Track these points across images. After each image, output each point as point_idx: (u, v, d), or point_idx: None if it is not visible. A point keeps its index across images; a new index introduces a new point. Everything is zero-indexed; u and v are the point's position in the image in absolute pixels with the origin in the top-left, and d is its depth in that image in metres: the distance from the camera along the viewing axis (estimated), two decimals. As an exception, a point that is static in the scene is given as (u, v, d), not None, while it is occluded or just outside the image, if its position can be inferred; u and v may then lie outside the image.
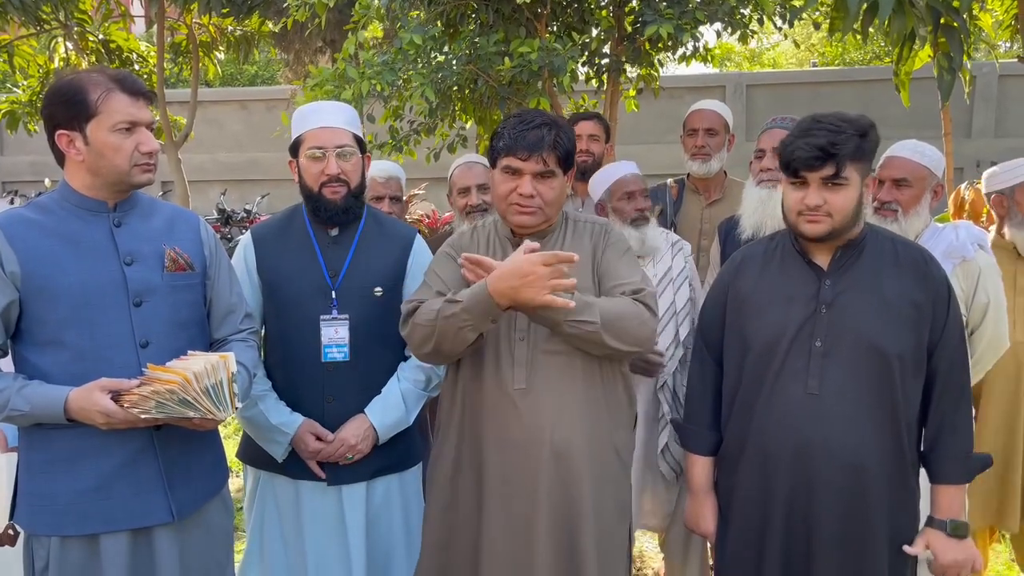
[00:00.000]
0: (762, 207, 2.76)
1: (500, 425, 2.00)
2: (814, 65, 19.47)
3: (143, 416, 1.76)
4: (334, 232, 2.33)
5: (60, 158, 1.89)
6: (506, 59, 3.93)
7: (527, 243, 1.90)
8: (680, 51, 4.70)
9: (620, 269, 2.06)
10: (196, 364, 1.78)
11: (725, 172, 3.50)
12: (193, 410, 1.77)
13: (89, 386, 1.78)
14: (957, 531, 1.94)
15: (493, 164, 2.07)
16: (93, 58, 7.98)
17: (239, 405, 1.86)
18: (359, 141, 2.32)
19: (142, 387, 1.76)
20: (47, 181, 11.37)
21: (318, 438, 2.25)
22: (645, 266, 2.77)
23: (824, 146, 1.85)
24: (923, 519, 2.01)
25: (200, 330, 2.06)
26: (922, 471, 2.02)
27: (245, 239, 2.38)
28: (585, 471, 2.00)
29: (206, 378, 1.76)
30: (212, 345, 2.13)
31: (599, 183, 2.87)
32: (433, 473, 2.15)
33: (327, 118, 2.27)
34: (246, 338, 2.16)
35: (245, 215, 11.35)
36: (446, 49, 4.18)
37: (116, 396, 1.77)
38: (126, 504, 1.88)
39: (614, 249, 2.11)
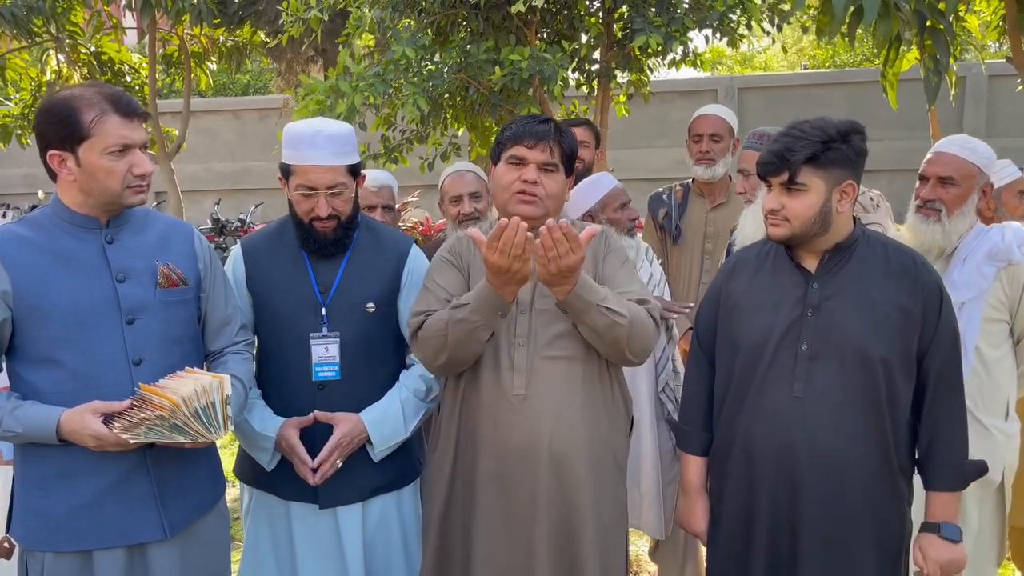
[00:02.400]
0: (742, 221, 2.80)
1: (499, 431, 2.01)
2: (805, 68, 19.54)
3: (133, 441, 1.76)
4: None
5: (53, 174, 1.88)
6: (496, 67, 3.95)
7: (514, 220, 1.88)
8: (670, 56, 4.72)
9: (623, 279, 2.08)
10: (186, 387, 1.76)
11: (730, 176, 3.51)
12: (183, 435, 1.77)
13: (80, 409, 1.78)
14: (950, 535, 1.94)
15: (496, 160, 2.07)
16: (85, 70, 7.98)
17: (232, 428, 1.85)
18: (353, 169, 2.23)
19: (132, 411, 1.76)
20: (40, 193, 11.36)
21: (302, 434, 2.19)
22: None
23: (779, 152, 1.88)
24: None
25: (194, 345, 2.05)
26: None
27: (235, 251, 2.33)
28: (585, 477, 2.01)
29: (196, 401, 1.75)
30: (207, 357, 2.12)
31: (585, 195, 2.88)
32: (431, 478, 2.15)
33: (319, 154, 2.13)
34: (241, 350, 2.15)
35: (239, 224, 11.35)
36: (437, 58, 4.21)
37: (107, 419, 1.77)
38: (119, 521, 1.88)
39: (615, 257, 2.12)
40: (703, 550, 2.72)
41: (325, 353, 2.21)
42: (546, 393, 1.99)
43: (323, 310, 2.22)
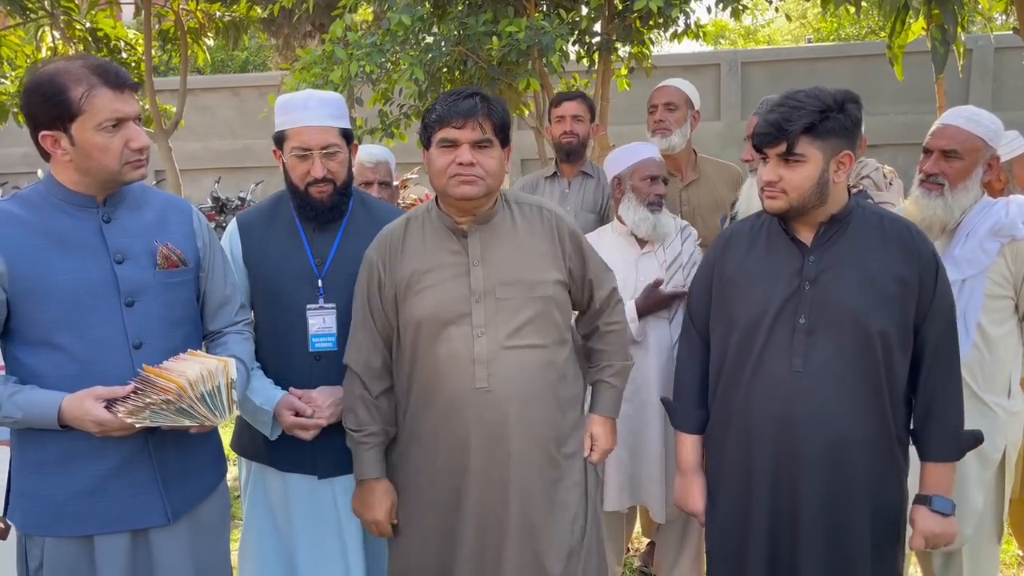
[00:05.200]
0: (746, 191, 2.76)
1: (466, 426, 1.97)
2: (809, 41, 19.36)
3: (138, 425, 1.72)
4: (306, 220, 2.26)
5: (45, 154, 1.81)
6: (494, 39, 3.89)
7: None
8: (672, 28, 4.65)
9: (596, 271, 2.15)
10: (192, 370, 1.72)
11: (695, 151, 3.42)
12: (189, 419, 1.74)
13: (81, 395, 1.73)
14: (940, 508, 1.94)
15: (428, 145, 2.00)
16: (81, 47, 7.90)
17: (237, 412, 1.81)
18: (346, 133, 2.25)
19: (137, 395, 1.72)
20: (40, 172, 11.31)
21: (297, 414, 2.18)
22: (655, 251, 2.77)
23: (776, 122, 1.85)
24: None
25: (194, 327, 2.00)
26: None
27: (231, 227, 2.33)
28: (548, 460, 2.01)
29: (202, 384, 1.72)
30: (206, 338, 2.08)
31: (620, 159, 2.84)
32: (396, 480, 2.12)
33: (312, 115, 2.16)
34: (241, 330, 2.11)
35: (240, 203, 11.32)
36: (435, 30, 4.15)
37: (110, 404, 1.73)
38: (121, 506, 1.84)
39: (578, 243, 2.11)
40: (702, 532, 2.69)
41: (322, 324, 2.22)
42: (508, 385, 1.95)
43: (319, 282, 2.23)
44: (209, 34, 8.58)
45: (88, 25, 8.01)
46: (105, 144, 1.75)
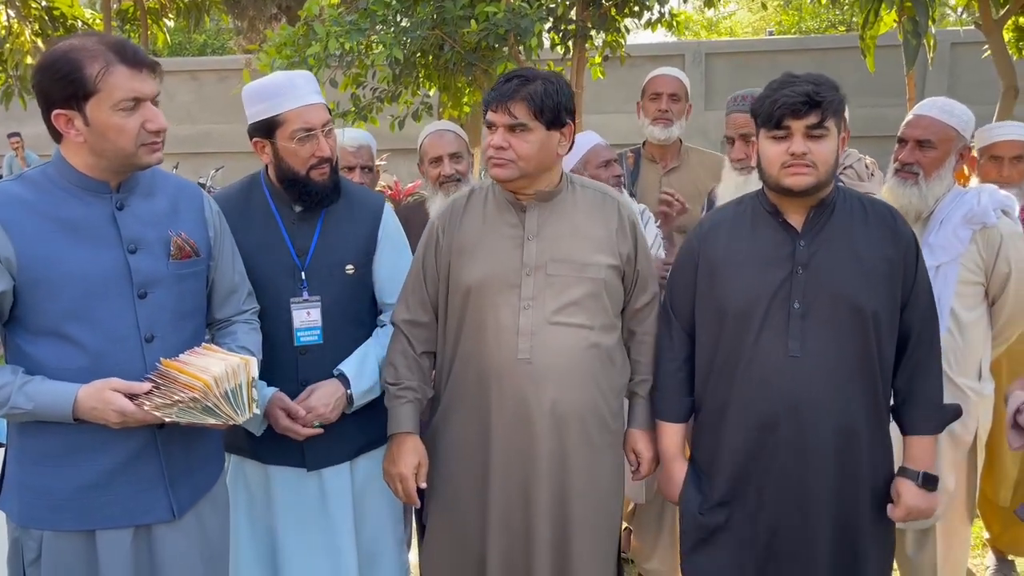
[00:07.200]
0: (740, 191, 2.74)
1: (504, 395, 2.01)
2: (770, 34, 19.60)
3: (168, 420, 1.67)
4: (299, 208, 2.19)
5: (57, 135, 1.73)
6: (472, 22, 3.85)
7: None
8: (646, 16, 4.66)
9: (643, 271, 2.14)
10: (216, 367, 1.68)
11: (681, 139, 3.42)
12: (214, 417, 1.70)
13: (98, 386, 1.67)
14: (927, 483, 1.99)
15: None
16: (36, 26, 7.68)
17: (257, 411, 1.77)
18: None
19: (162, 392, 1.68)
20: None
21: (289, 414, 2.12)
22: None
23: (810, 93, 1.86)
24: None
25: (203, 318, 1.95)
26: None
27: None
28: (585, 441, 2.04)
29: (226, 382, 1.69)
30: (211, 325, 2.02)
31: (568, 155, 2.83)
32: (437, 443, 2.14)
33: (308, 95, 2.10)
34: (249, 319, 2.05)
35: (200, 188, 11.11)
36: (410, 13, 4.09)
37: (130, 397, 1.67)
38: (126, 502, 1.79)
39: (636, 232, 2.12)
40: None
41: (307, 318, 2.16)
42: (550, 358, 2.00)
43: (302, 274, 2.17)
44: (170, 15, 8.40)
45: (44, 3, 7.78)
46: (121, 125, 1.68)
